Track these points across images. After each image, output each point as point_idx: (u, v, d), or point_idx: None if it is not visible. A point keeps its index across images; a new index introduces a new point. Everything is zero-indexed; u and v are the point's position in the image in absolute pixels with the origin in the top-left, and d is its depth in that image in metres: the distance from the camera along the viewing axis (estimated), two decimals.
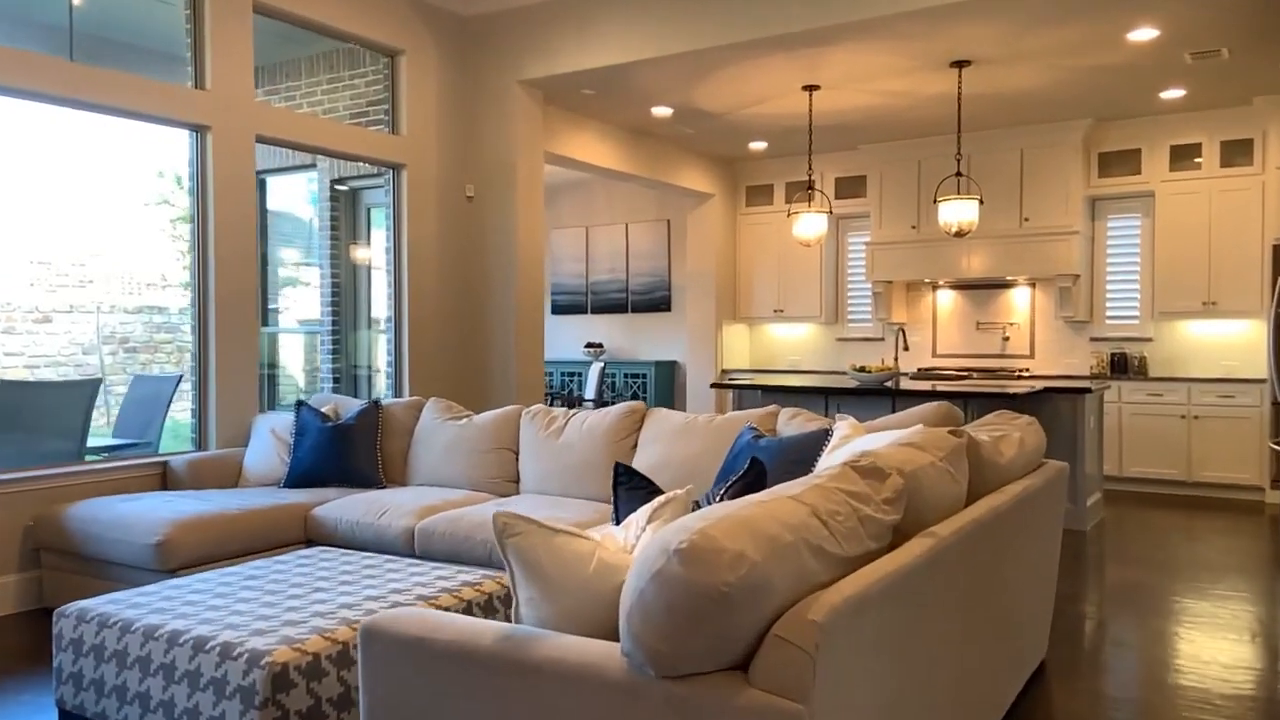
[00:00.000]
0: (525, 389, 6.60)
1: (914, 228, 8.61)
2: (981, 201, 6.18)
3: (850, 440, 3.49)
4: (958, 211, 6.14)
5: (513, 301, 6.53)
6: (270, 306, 8.41)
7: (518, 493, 4.51)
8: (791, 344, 9.79)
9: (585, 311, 10.97)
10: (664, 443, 4.13)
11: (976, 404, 5.83)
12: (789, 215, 6.65)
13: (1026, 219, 8.12)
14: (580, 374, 10.62)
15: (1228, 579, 4.90)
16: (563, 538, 2.01)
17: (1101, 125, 7.95)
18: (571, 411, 4.50)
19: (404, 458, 4.85)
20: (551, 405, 8.98)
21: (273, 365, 8.40)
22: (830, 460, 3.41)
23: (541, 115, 6.71)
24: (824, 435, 3.60)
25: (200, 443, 5.08)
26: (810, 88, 6.73)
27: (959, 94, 6.52)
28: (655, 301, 10.47)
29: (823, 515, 1.99)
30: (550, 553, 1.98)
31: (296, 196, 8.53)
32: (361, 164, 6.39)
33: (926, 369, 8.56)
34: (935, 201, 6.27)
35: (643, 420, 4.31)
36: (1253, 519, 6.60)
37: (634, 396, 10.20)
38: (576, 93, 6.82)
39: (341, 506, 4.23)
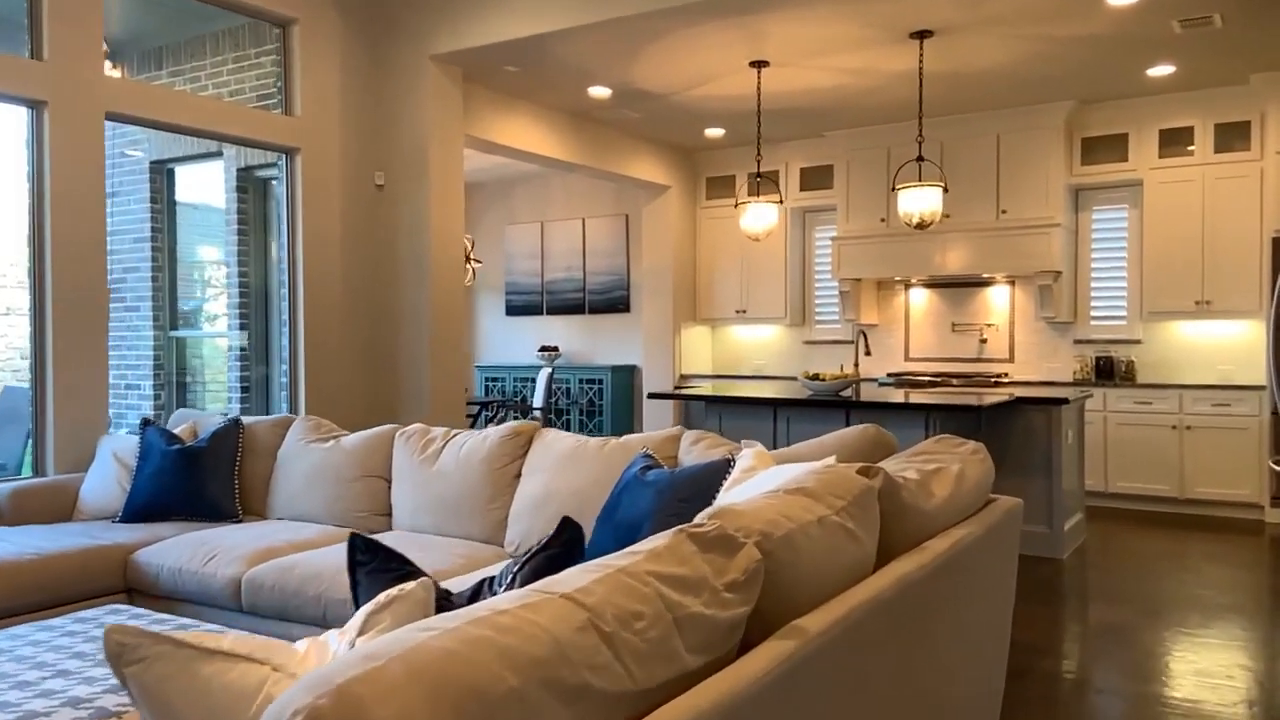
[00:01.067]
0: (442, 403, 5.94)
1: (883, 221, 7.94)
2: (946, 189, 5.53)
3: (754, 474, 2.84)
4: (919, 200, 5.48)
5: (427, 304, 5.86)
6: (185, 308, 7.75)
7: (389, 528, 3.85)
8: (756, 347, 9.13)
9: (541, 313, 10.31)
10: (550, 471, 3.46)
11: (939, 417, 5.18)
12: (736, 206, 5.99)
13: (1004, 211, 7.46)
14: (535, 380, 9.95)
15: (1222, 622, 4.24)
16: (217, 664, 1.34)
17: (1084, 108, 7.28)
18: (453, 433, 3.83)
19: (266, 486, 4.18)
20: (499, 414, 8.32)
21: (189, 374, 7.74)
22: (728, 498, 2.76)
23: (460, 95, 6.04)
24: (725, 466, 2.94)
25: (37, 467, 4.42)
26: (758, 64, 6.06)
27: (920, 68, 5.85)
28: (614, 302, 9.81)
29: (608, 625, 1.32)
30: (191, 690, 1.32)
31: (213, 187, 7.86)
32: (274, 151, 5.72)
33: (898, 374, 7.90)
34: (894, 189, 5.62)
35: (530, 443, 3.65)
36: (1251, 541, 5.94)
37: (590, 404, 9.54)
38: (499, 70, 6.15)
39: (168, 549, 3.56)
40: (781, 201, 6.48)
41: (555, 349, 9.99)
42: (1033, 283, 7.57)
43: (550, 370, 8.75)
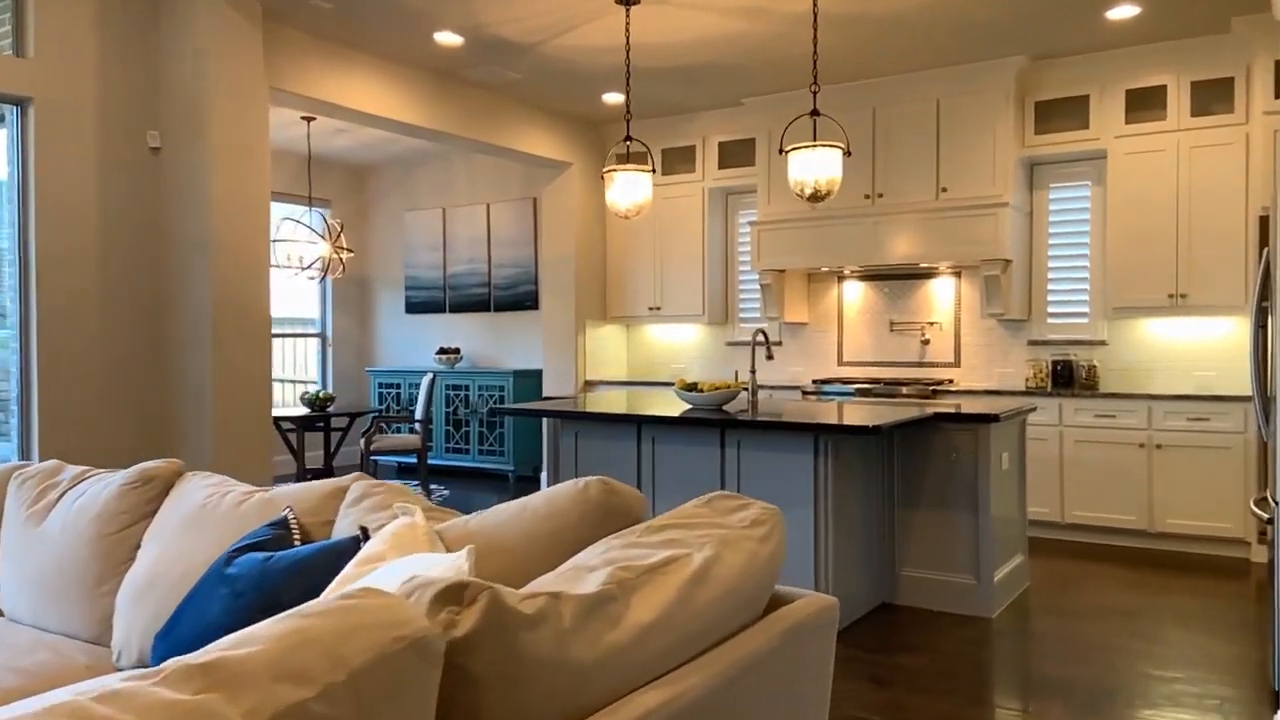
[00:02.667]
0: (232, 432, 4.79)
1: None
2: (848, 152, 4.42)
3: (373, 566, 1.75)
4: (812, 165, 4.35)
5: (208, 303, 4.72)
6: None
7: None
8: (675, 349, 8.00)
9: (443, 310, 9.18)
10: (166, 540, 2.33)
11: (831, 440, 4.05)
12: (603, 177, 4.86)
13: (944, 190, 6.33)
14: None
15: None
16: None
17: (1038, 65, 6.16)
18: (87, 474, 2.70)
19: None
20: (372, 429, 7.19)
21: None
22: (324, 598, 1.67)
23: (259, 37, 4.90)
24: (352, 548, 1.83)
25: None
26: (625, 1, 4.93)
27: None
28: (521, 298, 8.68)
29: None
30: None
31: None
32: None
33: (828, 380, 6.78)
34: (782, 151, 4.48)
35: (165, 494, 2.51)
36: (1234, 588, 4.81)
37: (491, 414, 8.40)
38: (310, 7, 5.02)
39: None
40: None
41: (456, 351, 8.86)
42: (979, 274, 6.43)
43: (433, 376, 7.61)
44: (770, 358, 5.20)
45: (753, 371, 5.09)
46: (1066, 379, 6.20)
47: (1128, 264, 5.93)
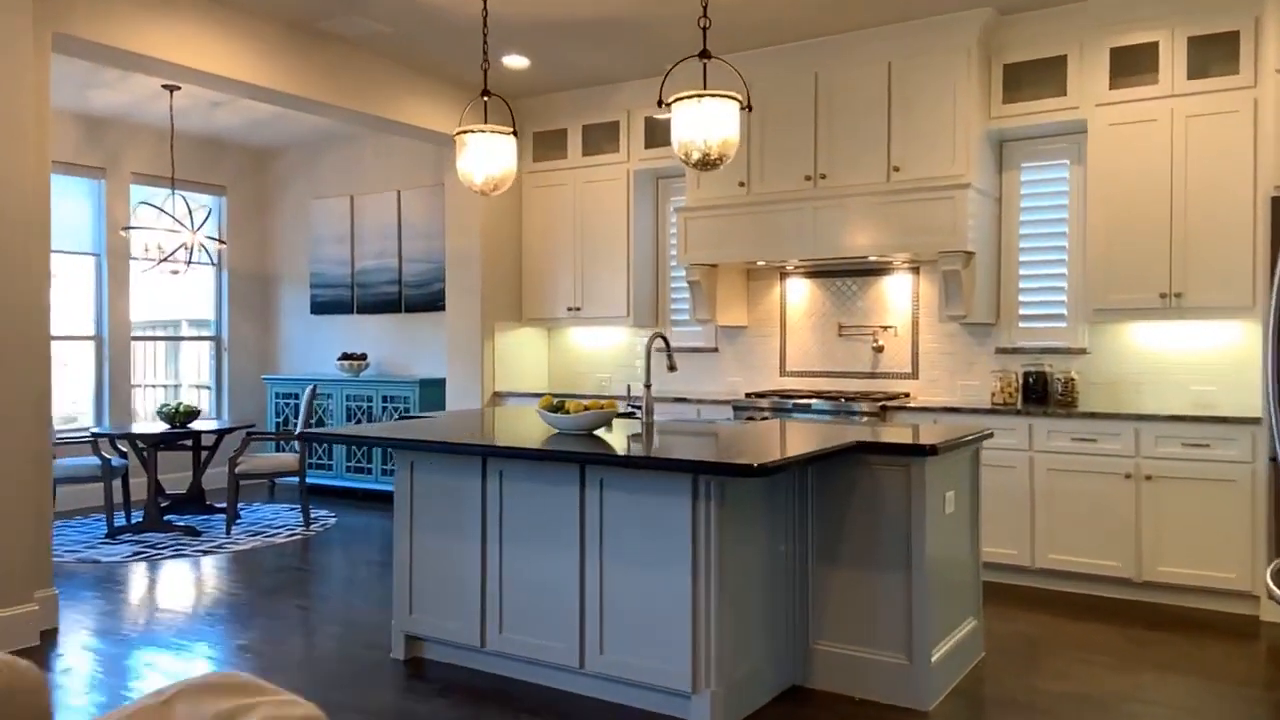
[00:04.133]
0: None
1: (742, 185, 5.84)
2: (747, 107, 3.45)
3: None
4: (700, 122, 3.37)
5: None
6: None
7: None
8: (599, 357, 7.01)
9: (351, 311, 8.19)
10: None
11: (714, 483, 3.07)
12: (455, 137, 3.86)
13: (896, 169, 5.35)
14: (332, 394, 7.82)
15: None
16: None
17: (1006, 20, 5.18)
18: None
19: None
20: (242, 450, 6.21)
21: None
22: None
23: None
24: None
25: None
26: None
27: None
28: (434, 297, 7.69)
29: None
30: None
31: None
32: None
33: (765, 394, 5.79)
34: (662, 103, 3.49)
35: None
36: (1242, 653, 3.84)
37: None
38: None
39: None
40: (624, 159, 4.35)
41: (362, 357, 7.87)
42: (937, 269, 5.45)
43: (313, 388, 6.62)
44: (672, 368, 4.23)
45: (647, 386, 4.11)
46: (1039, 394, 5.22)
47: (1112, 257, 4.95)
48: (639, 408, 4.30)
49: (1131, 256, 4.90)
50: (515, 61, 5.97)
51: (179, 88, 6.52)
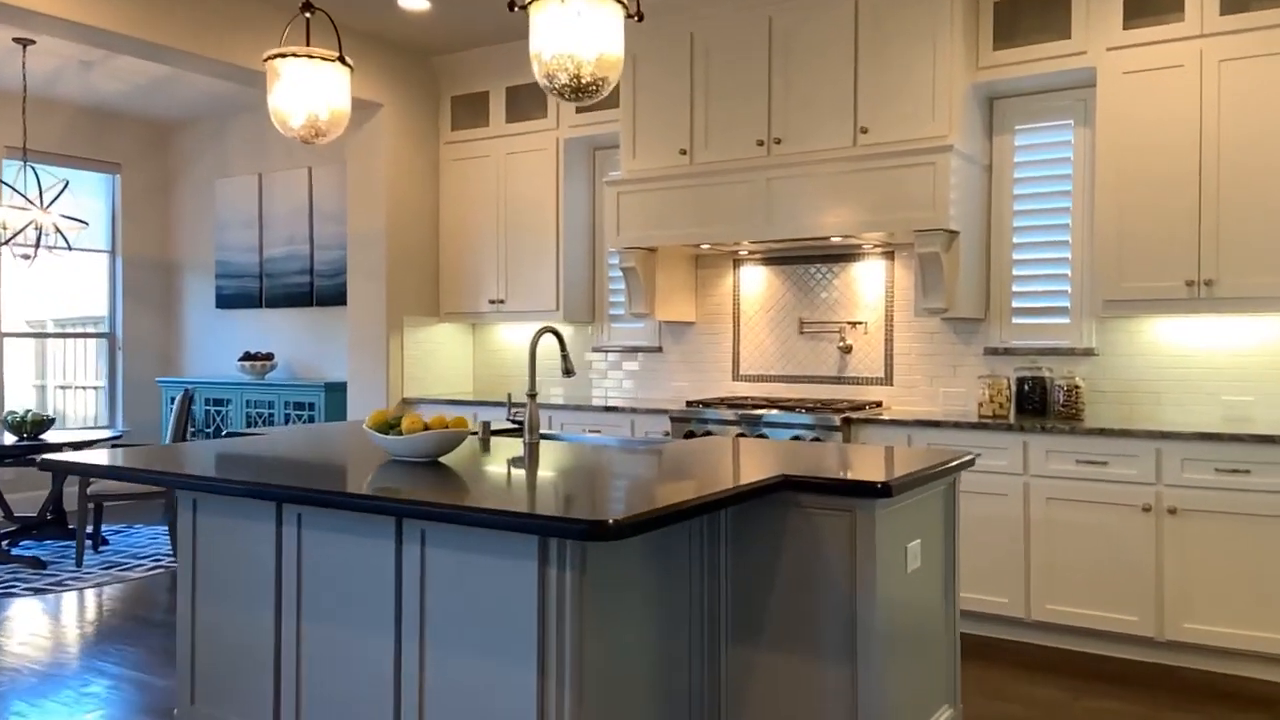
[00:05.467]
0: None
1: (684, 154, 4.90)
2: (637, 15, 2.53)
3: None
4: (564, 34, 2.42)
5: None
6: None
7: None
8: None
9: (258, 304, 7.24)
10: None
11: (568, 544, 2.14)
12: (266, 64, 2.90)
13: (864, 131, 4.41)
14: (231, 400, 6.87)
15: None
16: None
17: None
18: None
19: None
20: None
21: None
22: None
23: None
24: None
25: None
26: None
27: None
28: (346, 290, 6.73)
29: None
30: None
31: None
32: None
33: (711, 403, 4.86)
34: (512, 6, 2.53)
35: None
36: None
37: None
38: None
39: None
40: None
41: (268, 357, 6.92)
42: (912, 252, 4.51)
43: (186, 393, 5.69)
44: (569, 373, 3.30)
45: (531, 395, 3.18)
46: (1036, 405, 4.29)
47: (1127, 237, 4.02)
48: (520, 423, 3.36)
49: (1151, 236, 3.97)
50: (416, 4, 5.02)
51: (33, 41, 5.57)
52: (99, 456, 2.79)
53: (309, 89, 2.90)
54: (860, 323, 4.95)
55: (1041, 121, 4.48)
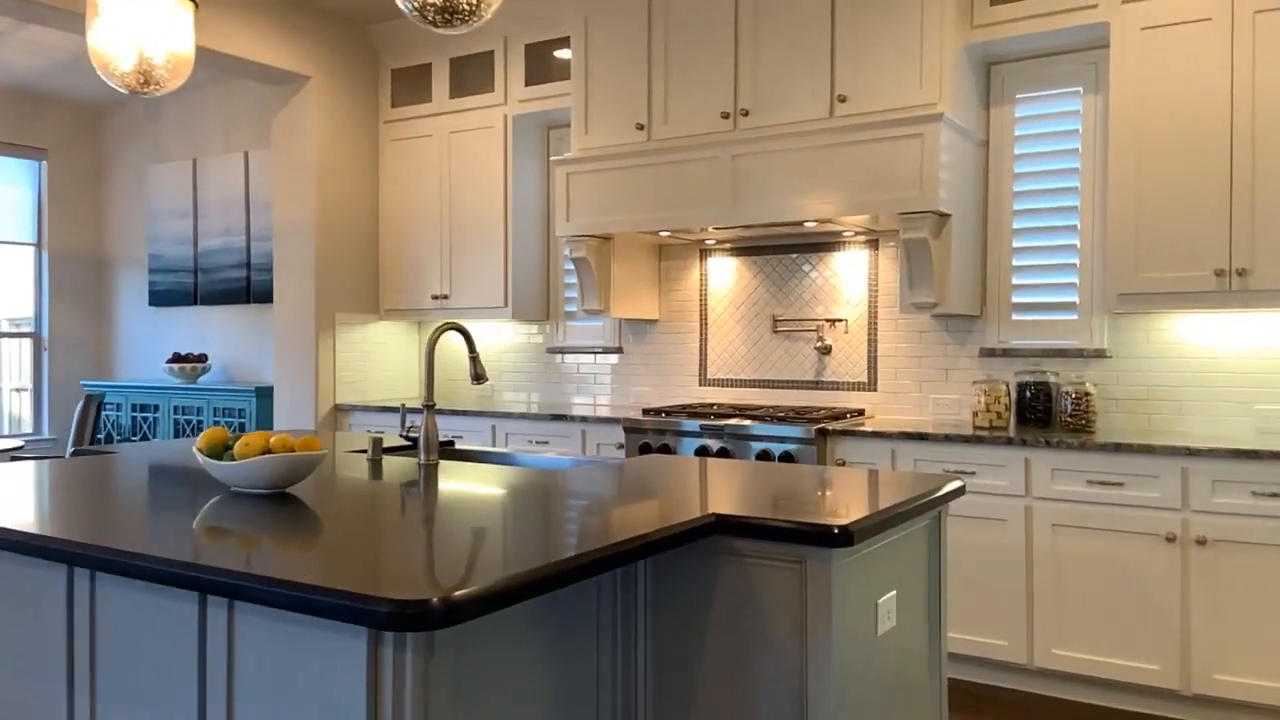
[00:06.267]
0: None
1: (641, 128, 4.33)
2: None
3: None
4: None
5: None
6: None
7: None
8: (484, 361, 5.49)
9: (193, 301, 6.66)
10: None
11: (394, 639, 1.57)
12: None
13: (842, 99, 3.85)
14: (160, 405, 6.29)
15: None
16: None
17: None
18: None
19: None
20: None
21: None
22: None
23: None
24: None
25: None
26: None
27: None
28: None
29: None
30: None
31: None
32: None
33: (672, 410, 4.29)
34: None
35: None
36: None
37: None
38: None
39: None
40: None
41: (201, 359, 6.35)
42: (898, 240, 3.94)
43: (93, 397, 5.11)
44: (479, 378, 2.74)
45: (428, 406, 2.61)
46: (1040, 415, 3.73)
47: (1145, 221, 3.45)
48: (414, 440, 2.79)
49: (1173, 218, 3.40)
50: None
51: None
52: None
53: (137, 27, 2.32)
54: (840, 320, 4.38)
55: (1046, 89, 3.91)
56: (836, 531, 1.75)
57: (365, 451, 2.83)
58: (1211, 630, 3.13)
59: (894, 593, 2.07)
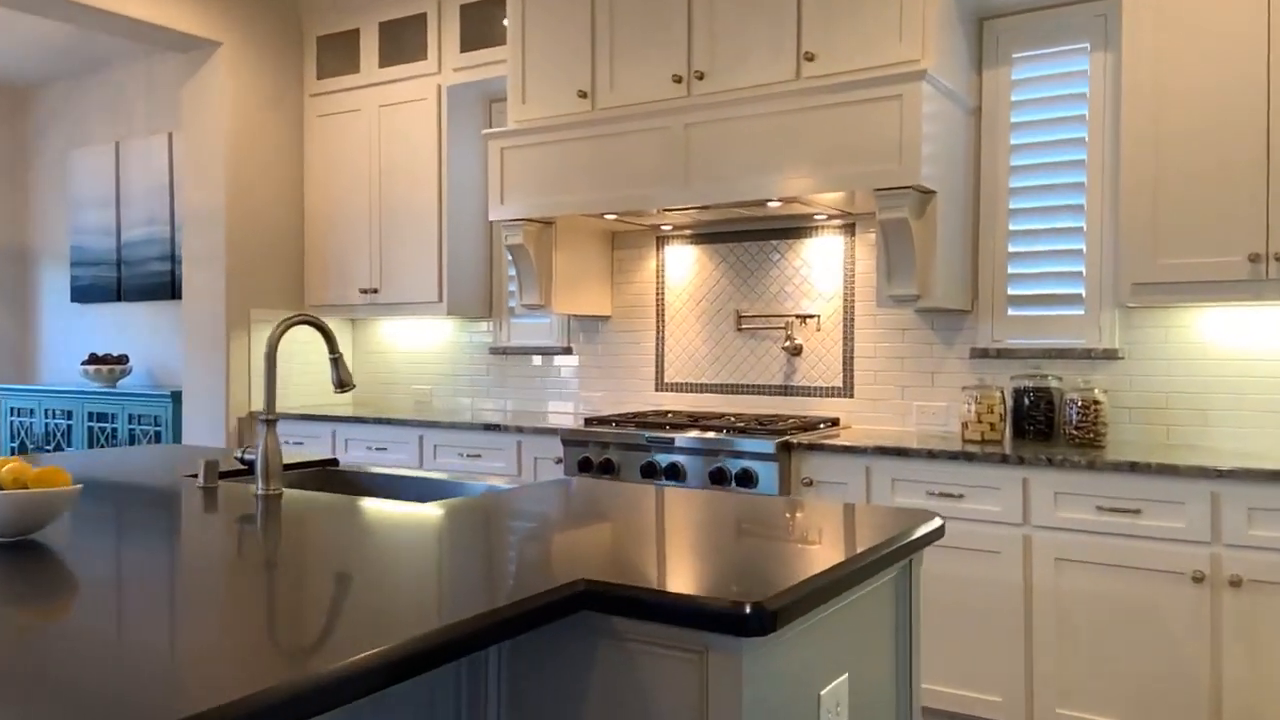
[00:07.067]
0: None
1: (584, 96, 3.78)
2: None
3: None
4: None
5: None
6: None
7: None
8: (422, 363, 4.94)
9: (115, 297, 6.11)
10: None
11: None
12: None
13: (809, 57, 3.30)
14: (74, 413, 5.73)
15: None
16: None
17: None
18: None
19: None
20: None
21: None
22: None
23: None
24: None
25: None
26: None
27: None
28: None
29: None
30: None
31: None
32: None
33: (623, 418, 3.74)
34: None
35: None
36: None
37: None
38: None
39: None
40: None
41: (120, 360, 5.79)
42: (873, 220, 3.39)
43: None
44: (343, 386, 2.20)
45: (267, 421, 2.06)
46: (1041, 426, 3.18)
47: (1165, 198, 2.91)
48: (250, 462, 2.23)
49: (1199, 195, 2.86)
50: None
51: None
52: None
53: None
54: (812, 317, 3.83)
55: (1047, 47, 3.36)
56: (748, 613, 1.20)
57: (196, 476, 2.27)
58: (1246, 690, 2.58)
59: (844, 677, 1.52)
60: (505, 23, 4.10)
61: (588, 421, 3.71)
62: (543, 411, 4.47)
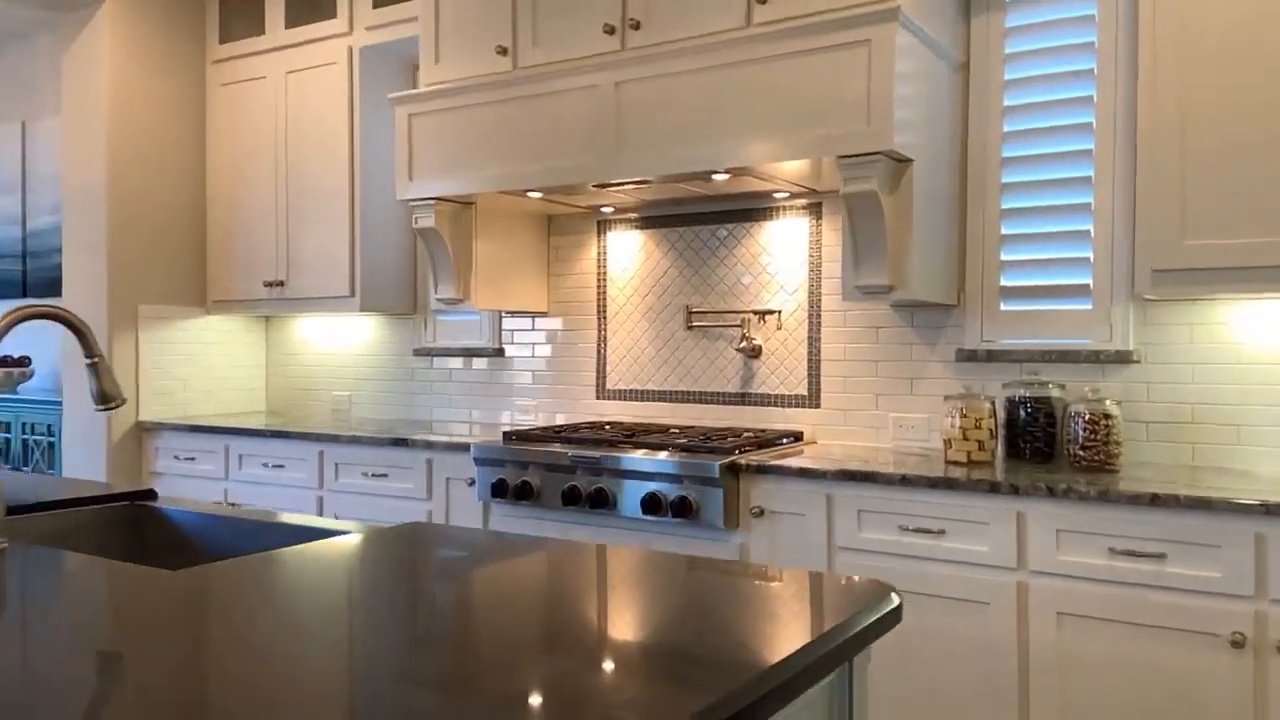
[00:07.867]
0: None
1: (504, 53, 3.21)
2: None
3: None
4: None
5: None
6: None
7: None
8: (340, 365, 4.37)
9: (21, 293, 5.55)
10: None
11: None
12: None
13: (762, 0, 2.74)
14: None
15: None
16: None
17: None
18: None
19: None
20: None
21: None
22: None
23: None
24: None
25: None
26: None
27: None
28: None
29: None
30: None
31: None
32: None
33: (554, 432, 3.19)
34: None
35: None
36: None
37: (36, 471, 4.80)
38: None
39: None
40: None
41: (21, 363, 5.20)
42: (837, 194, 2.83)
43: None
44: (109, 402, 1.62)
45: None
46: (1040, 445, 2.62)
47: (1193, 169, 2.35)
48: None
49: (1233, 164, 2.30)
50: None
51: None
52: None
53: None
54: (772, 313, 3.27)
55: None
56: None
57: None
58: None
59: None
60: None
61: (506, 437, 3.14)
62: (468, 422, 3.91)
